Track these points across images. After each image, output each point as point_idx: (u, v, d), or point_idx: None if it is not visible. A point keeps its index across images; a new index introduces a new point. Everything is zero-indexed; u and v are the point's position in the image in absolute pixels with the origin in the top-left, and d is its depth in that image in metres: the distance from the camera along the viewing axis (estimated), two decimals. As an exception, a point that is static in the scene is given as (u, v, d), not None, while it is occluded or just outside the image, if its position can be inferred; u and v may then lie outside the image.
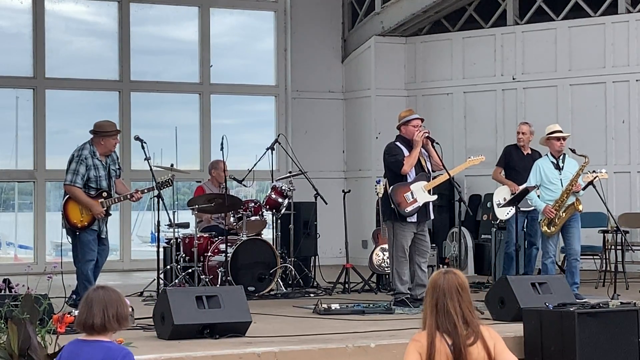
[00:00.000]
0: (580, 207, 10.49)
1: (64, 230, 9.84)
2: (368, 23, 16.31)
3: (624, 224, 12.97)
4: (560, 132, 10.76)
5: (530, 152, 11.85)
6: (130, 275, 14.50)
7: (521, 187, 11.13)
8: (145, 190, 10.33)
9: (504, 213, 11.64)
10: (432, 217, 10.26)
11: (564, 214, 10.50)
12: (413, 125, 10.06)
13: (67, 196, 9.83)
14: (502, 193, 11.82)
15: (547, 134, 10.80)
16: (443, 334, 4.74)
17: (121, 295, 4.80)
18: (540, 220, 10.63)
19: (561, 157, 10.73)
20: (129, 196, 10.06)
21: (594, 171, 10.70)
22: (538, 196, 10.63)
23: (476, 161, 10.68)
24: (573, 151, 10.77)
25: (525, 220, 11.62)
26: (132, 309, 8.44)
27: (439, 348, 4.71)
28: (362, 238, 15.20)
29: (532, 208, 10.98)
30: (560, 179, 10.62)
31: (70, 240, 9.83)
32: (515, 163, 11.81)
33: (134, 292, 11.19)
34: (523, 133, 11.85)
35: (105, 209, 9.76)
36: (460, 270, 4.93)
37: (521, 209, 11.18)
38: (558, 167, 10.68)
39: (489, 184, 14.25)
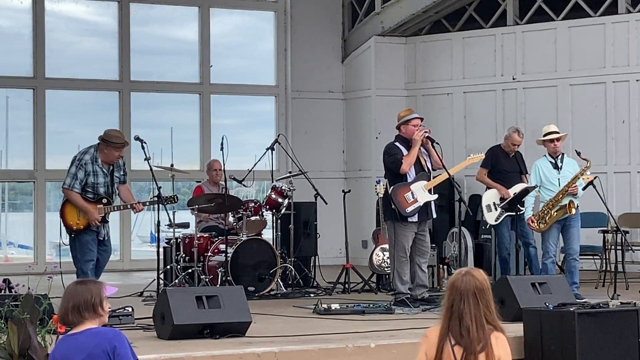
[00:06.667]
0: (573, 211, 10.43)
1: (65, 230, 9.86)
2: (368, 23, 16.31)
3: (624, 224, 12.97)
4: (556, 132, 10.74)
5: (514, 153, 11.74)
6: (131, 275, 14.50)
7: (521, 188, 11.10)
8: (147, 203, 10.37)
9: (493, 218, 11.54)
10: (434, 215, 10.24)
11: (555, 214, 10.49)
12: (413, 125, 10.04)
13: (66, 198, 9.87)
14: (491, 197, 11.53)
15: (543, 135, 10.81)
16: (452, 338, 4.70)
17: (93, 287, 4.84)
18: (531, 215, 10.61)
19: (559, 157, 10.72)
20: (129, 206, 10.09)
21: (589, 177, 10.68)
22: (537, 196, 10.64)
23: (476, 159, 10.65)
24: (578, 153, 10.73)
25: (515, 222, 11.43)
26: (132, 309, 8.48)
27: (446, 353, 4.69)
28: (362, 238, 15.20)
29: (521, 211, 10.94)
30: (559, 179, 10.61)
31: (68, 241, 9.84)
32: (502, 166, 11.63)
33: (134, 292, 11.24)
34: (515, 145, 11.54)
35: (102, 215, 9.78)
36: (481, 271, 4.80)
37: (507, 213, 11.15)
38: (557, 167, 10.67)
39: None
